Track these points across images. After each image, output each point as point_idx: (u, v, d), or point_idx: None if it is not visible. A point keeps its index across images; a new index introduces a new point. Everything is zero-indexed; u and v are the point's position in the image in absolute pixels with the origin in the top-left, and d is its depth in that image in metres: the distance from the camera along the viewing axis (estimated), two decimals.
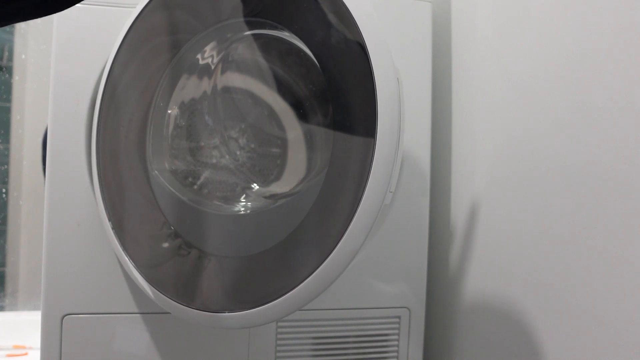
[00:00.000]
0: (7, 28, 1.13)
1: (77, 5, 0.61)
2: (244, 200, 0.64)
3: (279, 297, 0.46)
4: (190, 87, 0.63)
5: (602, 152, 0.45)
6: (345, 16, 0.46)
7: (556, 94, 0.51)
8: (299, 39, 0.52)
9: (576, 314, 0.48)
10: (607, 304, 0.44)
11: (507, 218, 0.59)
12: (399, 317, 0.69)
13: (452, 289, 0.71)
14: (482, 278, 0.64)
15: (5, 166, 1.13)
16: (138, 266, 0.55)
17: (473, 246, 0.66)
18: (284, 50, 0.62)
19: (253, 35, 0.61)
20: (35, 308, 1.11)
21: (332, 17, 0.48)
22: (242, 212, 0.61)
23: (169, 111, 0.62)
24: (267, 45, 0.62)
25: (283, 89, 0.65)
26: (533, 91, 0.55)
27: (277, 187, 0.65)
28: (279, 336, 0.66)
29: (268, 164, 0.66)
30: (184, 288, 0.53)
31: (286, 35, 0.57)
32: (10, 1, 0.30)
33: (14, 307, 1.12)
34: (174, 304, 0.52)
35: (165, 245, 0.56)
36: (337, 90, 0.48)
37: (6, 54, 1.13)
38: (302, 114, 0.64)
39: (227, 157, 0.66)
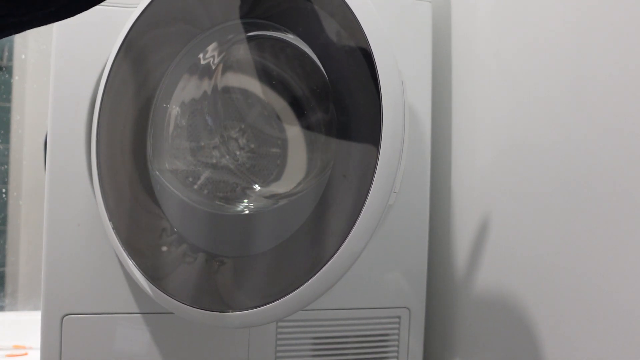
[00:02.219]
0: None
1: None
2: (245, 200, 0.64)
3: (281, 297, 0.46)
4: (190, 87, 0.63)
5: (603, 152, 0.45)
6: (350, 20, 0.46)
7: (556, 94, 0.51)
8: (303, 42, 0.52)
9: (577, 314, 0.48)
10: (608, 303, 0.44)
11: (508, 217, 0.59)
12: (399, 317, 0.69)
13: (452, 288, 0.71)
14: (482, 278, 0.64)
15: (5, 166, 1.13)
16: (138, 266, 0.55)
17: (473, 246, 0.66)
18: (285, 52, 0.62)
19: (255, 36, 0.61)
20: (35, 308, 1.11)
21: (336, 21, 0.48)
22: (244, 213, 0.61)
23: (170, 111, 0.62)
24: (268, 46, 0.62)
25: (283, 90, 0.65)
26: (533, 91, 0.55)
27: (277, 187, 0.65)
28: (279, 336, 0.66)
29: (268, 164, 0.66)
30: (187, 288, 0.53)
31: (290, 37, 0.57)
32: (26, 13, 0.31)
33: (14, 307, 1.12)
34: (175, 303, 0.52)
35: (166, 242, 0.56)
36: (341, 92, 0.48)
37: (6, 54, 1.13)
38: (302, 114, 0.64)
39: (227, 157, 0.66)
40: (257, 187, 0.65)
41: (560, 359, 0.50)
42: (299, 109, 0.64)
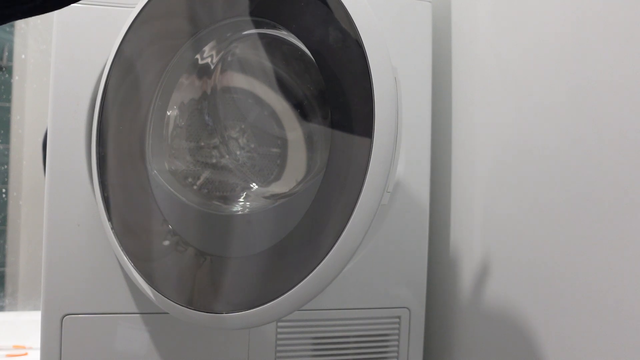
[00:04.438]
0: (7, 28, 1.13)
1: (77, 5, 0.61)
2: (242, 200, 0.64)
3: (278, 297, 0.46)
4: (189, 87, 0.63)
5: (604, 151, 0.45)
6: (343, 15, 0.46)
7: (556, 94, 0.51)
8: (297, 38, 0.52)
9: (576, 315, 0.48)
10: (608, 304, 0.44)
11: (508, 218, 0.59)
12: (399, 317, 0.69)
13: (452, 289, 0.71)
14: (482, 279, 0.64)
15: (5, 166, 1.13)
16: (138, 267, 0.55)
17: (473, 246, 0.66)
18: (283, 50, 0.62)
19: (252, 34, 0.61)
20: (35, 308, 1.11)
21: (329, 16, 0.48)
22: (241, 212, 0.61)
23: (169, 111, 0.62)
24: (266, 44, 0.62)
25: (283, 88, 0.65)
26: (534, 92, 0.55)
27: (277, 187, 0.65)
28: (279, 336, 0.66)
29: (268, 164, 0.66)
30: (184, 289, 0.53)
31: (284, 34, 0.57)
32: (10, 6, 0.31)
33: (14, 307, 1.12)
34: (174, 305, 0.52)
35: (165, 243, 0.56)
36: (335, 89, 0.48)
37: (6, 54, 1.13)
38: (302, 113, 0.64)
39: (227, 157, 0.66)
40: (256, 187, 0.65)
41: (560, 358, 0.50)
42: (299, 107, 0.64)
